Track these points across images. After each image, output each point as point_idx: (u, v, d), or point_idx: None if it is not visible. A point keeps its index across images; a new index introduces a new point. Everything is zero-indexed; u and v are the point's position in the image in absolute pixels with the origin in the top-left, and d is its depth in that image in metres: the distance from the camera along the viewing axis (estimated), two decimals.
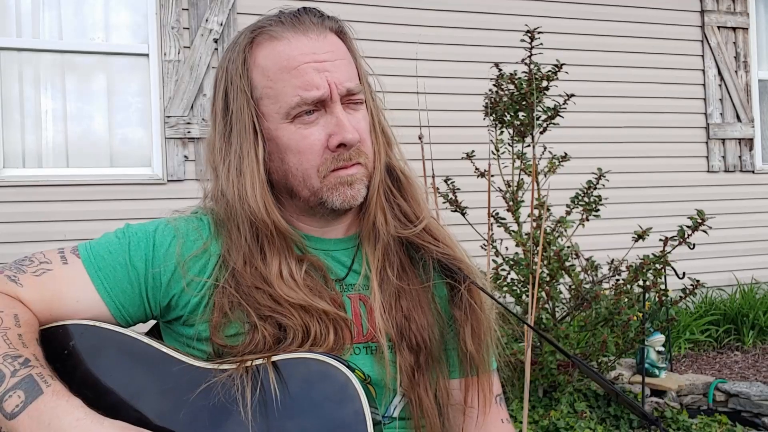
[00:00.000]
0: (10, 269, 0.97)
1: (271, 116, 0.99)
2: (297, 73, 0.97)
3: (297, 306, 0.95)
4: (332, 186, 1.00)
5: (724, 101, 5.80)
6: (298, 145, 0.98)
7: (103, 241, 1.01)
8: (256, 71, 0.99)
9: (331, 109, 0.99)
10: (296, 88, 0.97)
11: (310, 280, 0.99)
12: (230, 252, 0.99)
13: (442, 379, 1.06)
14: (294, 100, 0.97)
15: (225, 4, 4.48)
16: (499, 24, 5.06)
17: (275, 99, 0.98)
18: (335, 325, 0.97)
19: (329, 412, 0.87)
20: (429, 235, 1.08)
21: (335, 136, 0.98)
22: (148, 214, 1.73)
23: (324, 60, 0.98)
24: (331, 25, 1.02)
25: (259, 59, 0.99)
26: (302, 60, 0.97)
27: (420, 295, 1.05)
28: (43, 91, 4.30)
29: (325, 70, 0.98)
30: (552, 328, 3.21)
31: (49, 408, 0.82)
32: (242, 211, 0.98)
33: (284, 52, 0.98)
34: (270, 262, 0.98)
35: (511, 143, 3.20)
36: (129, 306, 0.99)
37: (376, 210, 1.05)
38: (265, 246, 0.99)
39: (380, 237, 1.05)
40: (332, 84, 0.98)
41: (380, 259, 1.04)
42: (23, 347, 0.87)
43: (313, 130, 0.98)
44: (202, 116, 4.41)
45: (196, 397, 0.90)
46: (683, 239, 3.04)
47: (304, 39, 0.98)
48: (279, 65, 0.97)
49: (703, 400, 3.87)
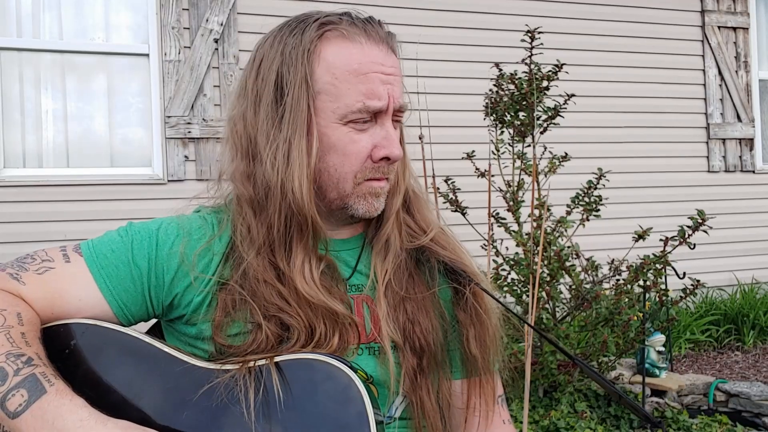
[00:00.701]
0: (12, 267, 0.97)
1: (325, 113, 0.98)
2: (365, 79, 0.97)
3: (309, 304, 0.96)
4: (362, 194, 1.01)
5: (725, 101, 5.80)
6: (346, 148, 0.99)
7: (105, 239, 1.01)
8: (321, 65, 0.97)
9: (382, 121, 1.00)
10: (361, 94, 0.97)
11: (325, 280, 1.00)
12: (243, 243, 0.99)
13: (444, 382, 1.06)
14: (356, 105, 0.97)
15: (225, 4, 4.48)
16: (499, 24, 5.06)
17: (335, 98, 0.97)
18: (342, 328, 0.98)
19: (332, 412, 0.87)
20: (437, 244, 1.09)
21: (382, 148, 1.00)
22: (149, 214, 1.73)
23: (390, 73, 0.99)
24: (391, 42, 1.03)
25: (326, 54, 0.98)
26: (372, 68, 0.97)
27: (425, 298, 1.06)
28: (43, 91, 4.30)
29: (389, 83, 0.99)
30: (552, 328, 3.21)
31: (52, 407, 0.82)
32: (282, 200, 0.96)
33: (356, 56, 0.97)
34: (295, 256, 0.98)
35: (511, 143, 3.20)
36: (131, 305, 0.98)
37: (393, 228, 1.06)
38: (294, 239, 0.98)
39: (391, 250, 1.06)
40: (391, 97, 0.99)
41: (388, 271, 1.05)
42: (26, 346, 0.87)
43: (363, 137, 0.99)
44: (203, 116, 4.41)
45: (199, 397, 0.90)
46: (683, 239, 3.04)
47: (376, 48, 0.99)
48: (349, 67, 0.97)
49: (703, 400, 3.87)
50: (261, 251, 0.98)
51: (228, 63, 4.48)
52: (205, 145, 4.41)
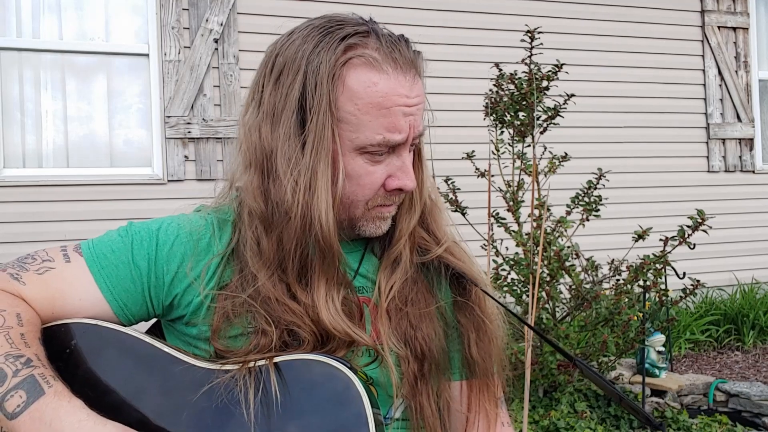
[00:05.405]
0: (12, 267, 0.97)
1: (343, 142, 0.95)
2: (388, 113, 0.94)
3: (328, 330, 0.94)
4: (371, 218, 1.01)
5: (725, 101, 5.80)
6: (360, 179, 0.97)
7: (105, 239, 1.00)
8: (345, 93, 0.94)
9: (399, 151, 0.98)
10: (382, 128, 0.94)
11: (345, 303, 0.99)
12: (252, 258, 0.96)
13: (445, 387, 1.06)
14: (377, 139, 0.95)
15: (225, 4, 4.48)
16: (499, 24, 5.06)
17: (356, 128, 0.95)
18: (351, 344, 0.97)
19: (331, 413, 0.87)
20: (450, 254, 1.08)
21: (396, 179, 0.98)
22: (149, 214, 1.73)
23: (413, 104, 0.96)
24: (418, 65, 0.99)
25: (351, 82, 0.94)
26: (396, 102, 0.94)
27: (429, 304, 1.05)
28: (43, 91, 4.30)
29: (411, 114, 0.96)
30: (552, 328, 3.21)
31: (50, 409, 0.82)
32: (304, 229, 0.94)
33: (381, 88, 0.94)
34: (317, 288, 0.96)
35: (511, 143, 3.20)
36: (131, 305, 0.98)
37: (405, 248, 1.05)
38: (316, 269, 0.96)
39: (399, 268, 1.05)
40: (412, 128, 0.97)
41: (394, 286, 1.04)
42: (25, 347, 0.87)
43: (378, 168, 0.98)
44: (202, 116, 4.41)
45: (199, 398, 0.90)
46: (683, 239, 3.04)
47: (402, 79, 0.95)
48: (372, 99, 0.94)
49: (703, 400, 3.87)
50: (272, 270, 0.96)
51: (228, 63, 4.48)
52: (205, 145, 4.41)
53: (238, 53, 4.50)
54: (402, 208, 1.05)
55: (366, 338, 0.98)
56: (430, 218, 1.11)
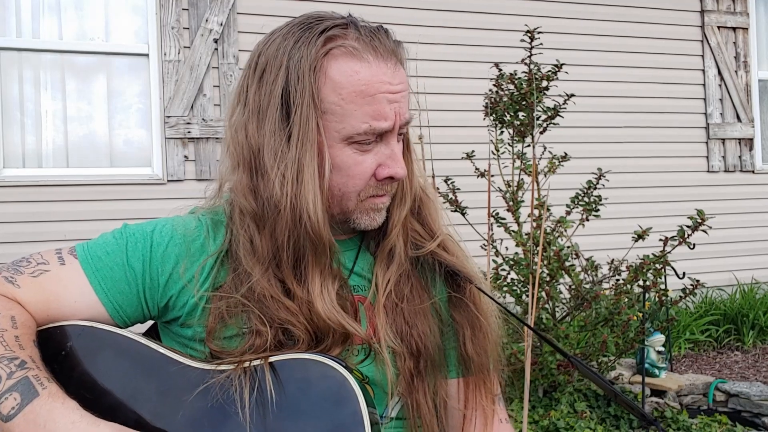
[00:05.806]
0: (7, 270, 0.97)
1: (329, 133, 0.95)
2: (372, 100, 0.94)
3: (323, 323, 0.95)
4: (365, 210, 1.01)
5: (724, 101, 5.80)
6: (350, 170, 0.97)
7: (100, 241, 1.00)
8: (327, 84, 0.94)
9: (387, 139, 0.98)
10: (367, 116, 0.94)
11: (339, 297, 0.99)
12: (246, 256, 0.97)
13: (441, 384, 1.06)
14: (362, 127, 0.95)
15: (225, 4, 4.48)
16: (499, 24, 5.06)
17: (341, 119, 0.95)
18: (345, 341, 0.97)
19: (327, 412, 0.87)
20: (443, 249, 1.08)
21: (386, 168, 0.98)
22: (148, 214, 1.73)
23: (397, 91, 0.96)
24: (399, 54, 0.99)
25: (332, 72, 0.94)
26: (379, 89, 0.94)
27: (423, 301, 1.06)
28: (43, 91, 4.30)
29: (396, 102, 0.96)
30: (552, 328, 3.21)
31: (45, 410, 0.82)
32: (294, 222, 0.94)
33: (363, 76, 0.94)
34: (311, 280, 0.96)
35: (511, 143, 3.20)
36: (127, 307, 0.98)
37: (398, 239, 1.05)
38: (309, 262, 0.96)
39: (395, 261, 1.05)
40: (398, 115, 0.97)
41: (391, 280, 1.04)
42: (20, 349, 0.87)
43: (367, 157, 0.97)
44: (202, 116, 4.41)
45: (194, 398, 0.90)
46: (683, 239, 3.04)
47: (384, 66, 0.95)
48: (355, 88, 0.94)
49: (703, 400, 3.86)
50: (266, 266, 0.96)
51: (228, 63, 4.48)
52: (205, 145, 4.41)
53: (238, 53, 4.50)
54: (393, 199, 1.05)
55: (360, 330, 0.98)
56: (424, 210, 1.10)
